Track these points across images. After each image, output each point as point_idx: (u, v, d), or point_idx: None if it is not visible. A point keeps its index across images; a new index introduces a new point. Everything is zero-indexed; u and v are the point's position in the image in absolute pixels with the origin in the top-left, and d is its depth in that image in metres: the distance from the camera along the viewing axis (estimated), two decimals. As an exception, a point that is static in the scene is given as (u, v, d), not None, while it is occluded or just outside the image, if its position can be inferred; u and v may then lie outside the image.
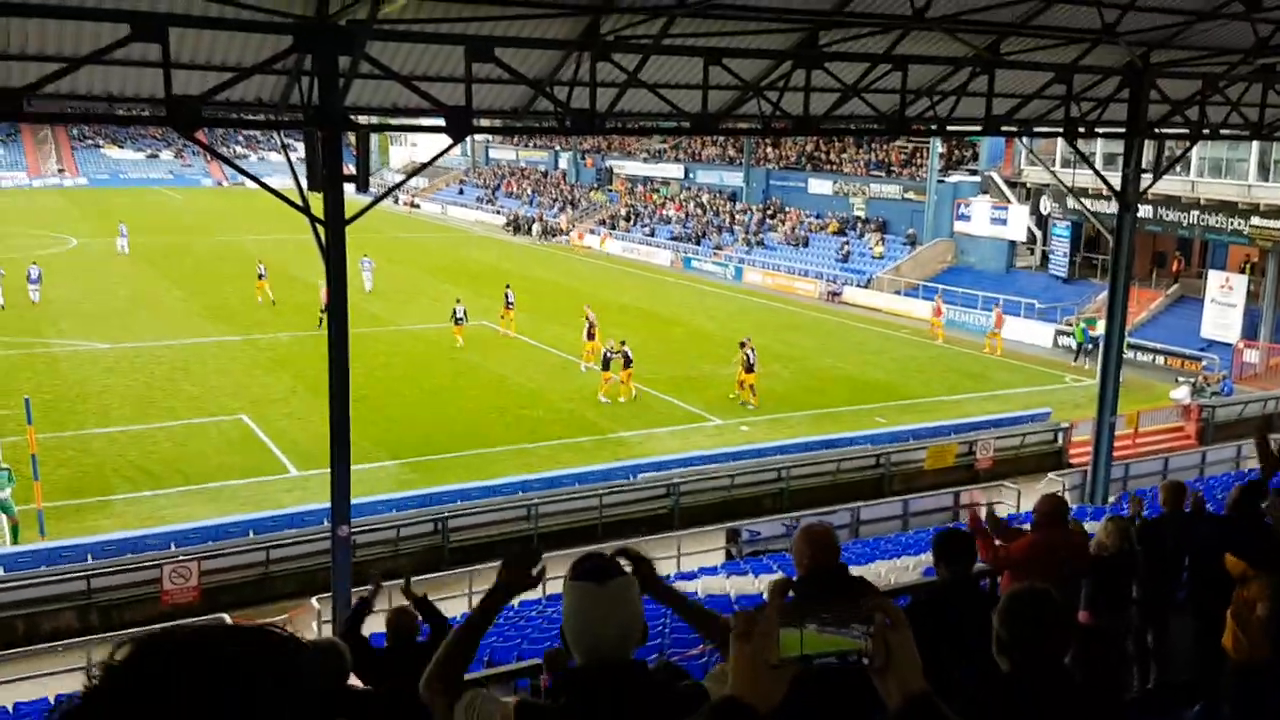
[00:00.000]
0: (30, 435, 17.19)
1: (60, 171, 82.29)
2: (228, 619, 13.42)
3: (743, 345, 25.96)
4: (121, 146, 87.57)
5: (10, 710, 10.98)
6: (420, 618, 6.90)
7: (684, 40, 13.27)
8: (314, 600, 14.05)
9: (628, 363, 25.59)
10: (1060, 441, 22.60)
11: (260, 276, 36.18)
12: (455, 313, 30.60)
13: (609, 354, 25.94)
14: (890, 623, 1.41)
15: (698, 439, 23.05)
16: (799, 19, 13.44)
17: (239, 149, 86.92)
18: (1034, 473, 21.13)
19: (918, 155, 48.36)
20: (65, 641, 13.52)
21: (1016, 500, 18.99)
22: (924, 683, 1.41)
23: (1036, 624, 2.94)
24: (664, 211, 59.30)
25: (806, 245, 49.08)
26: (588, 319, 29.13)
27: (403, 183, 13.69)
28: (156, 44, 9.94)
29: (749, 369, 25.46)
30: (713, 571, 14.58)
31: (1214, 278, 32.93)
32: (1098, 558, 6.42)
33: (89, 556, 15.23)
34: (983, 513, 7.14)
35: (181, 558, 15.13)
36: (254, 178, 12.30)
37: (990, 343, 33.54)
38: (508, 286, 33.28)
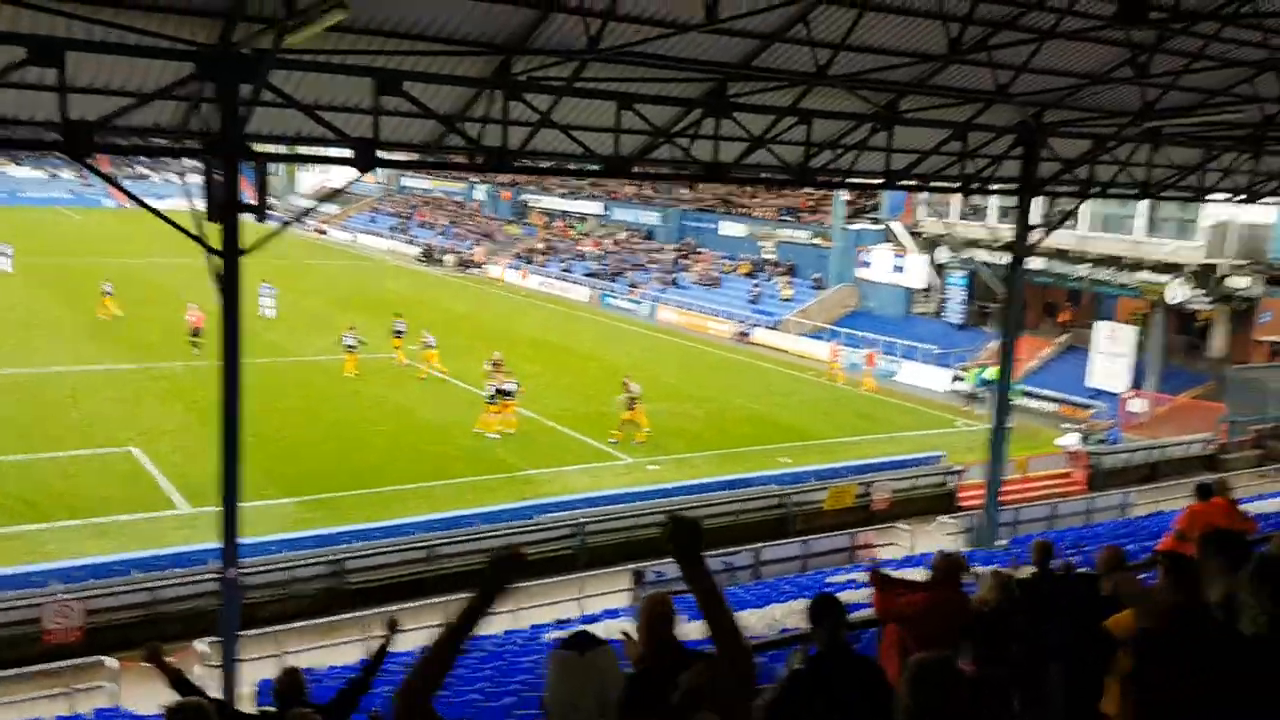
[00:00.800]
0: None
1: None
2: (111, 662, 12.88)
3: (625, 383, 26.12)
4: (20, 165, 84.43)
5: None
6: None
7: (597, 84, 13.41)
8: (199, 643, 13.54)
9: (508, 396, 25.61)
10: (952, 485, 23.19)
11: (106, 294, 36.57)
12: (345, 340, 30.31)
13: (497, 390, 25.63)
14: None
15: (607, 477, 23.02)
16: (708, 70, 13.71)
17: (141, 169, 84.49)
18: (926, 514, 21.62)
19: (825, 201, 49.56)
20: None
21: (910, 542, 19.41)
22: None
23: (942, 691, 3.01)
24: (581, 247, 59.50)
25: (719, 286, 49.75)
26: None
27: (308, 212, 13.50)
28: (53, 68, 9.68)
29: (630, 406, 25.62)
30: (615, 614, 14.52)
31: (1101, 328, 34.34)
32: (979, 612, 6.60)
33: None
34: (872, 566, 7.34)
35: (64, 596, 14.46)
36: (147, 206, 11.95)
37: (866, 381, 35.01)
38: (397, 315, 33.04)
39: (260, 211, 11.96)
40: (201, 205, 11.52)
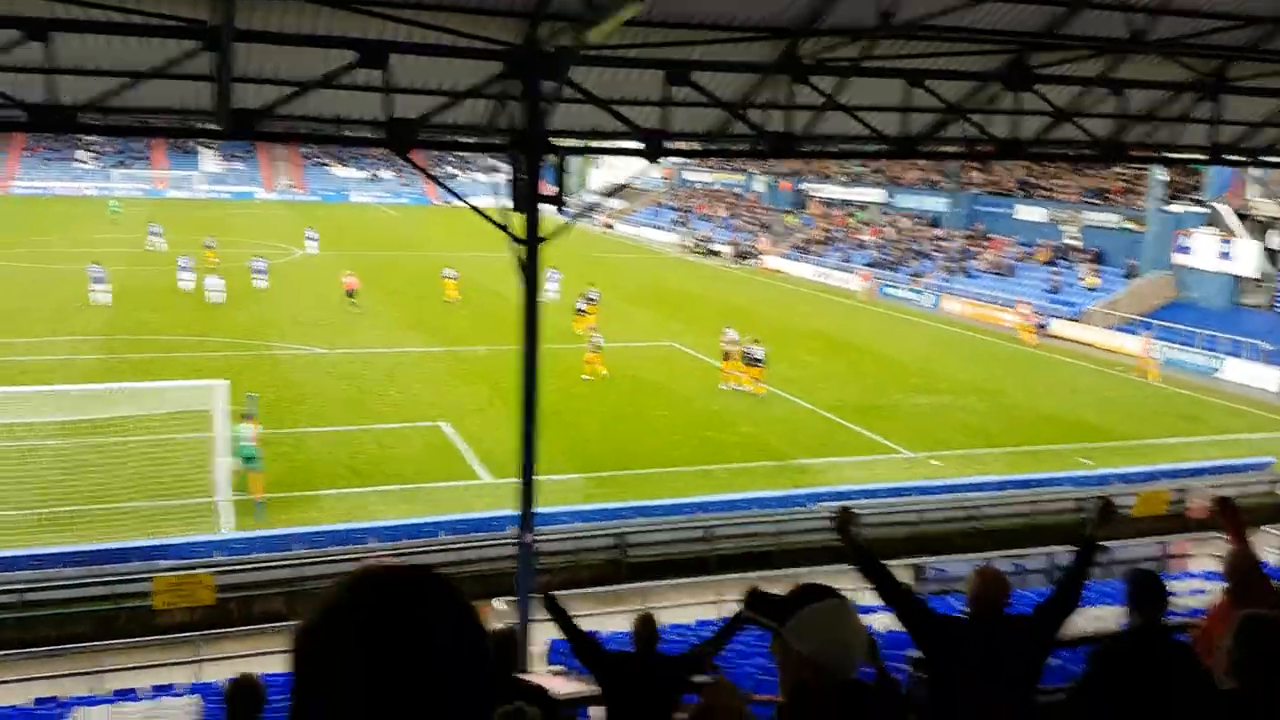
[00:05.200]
0: (256, 429, 18.70)
1: (290, 187, 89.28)
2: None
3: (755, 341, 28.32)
4: (346, 165, 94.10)
5: (223, 685, 11.91)
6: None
7: (885, 62, 13.03)
8: (496, 602, 14.55)
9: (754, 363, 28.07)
10: (1285, 494, 20.69)
11: (449, 279, 40.51)
12: (594, 342, 30.10)
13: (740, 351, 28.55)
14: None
15: (884, 471, 22.46)
16: (1007, 41, 12.94)
17: (450, 169, 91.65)
18: (1251, 525, 19.36)
19: (1139, 182, 45.57)
20: (274, 625, 14.52)
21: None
22: None
23: (1270, 643, 3.18)
24: (859, 236, 58.28)
25: (1012, 274, 47.06)
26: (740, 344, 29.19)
27: (598, 204, 14.12)
28: (379, 69, 10.67)
29: (751, 363, 27.78)
30: (891, 609, 14.12)
31: None
32: None
33: (290, 546, 16.37)
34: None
35: (381, 553, 16.02)
36: (460, 197, 12.95)
37: (1149, 370, 32.91)
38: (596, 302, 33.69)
39: (559, 202, 12.62)
40: (503, 199, 12.33)
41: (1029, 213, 50.23)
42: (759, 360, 28.10)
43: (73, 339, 31.01)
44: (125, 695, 11.88)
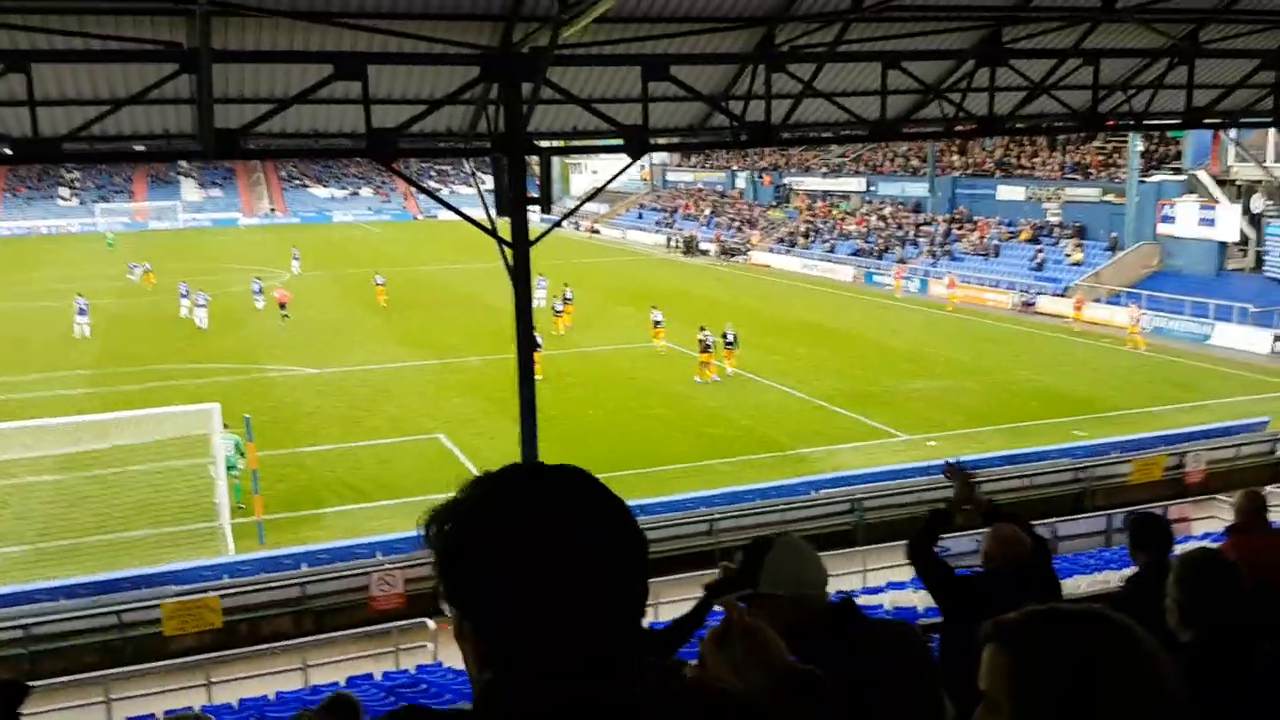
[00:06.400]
0: (251, 451, 18.66)
1: (271, 210, 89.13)
2: (431, 624, 14.13)
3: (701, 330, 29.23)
4: (325, 185, 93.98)
5: (235, 706, 11.90)
6: None
7: (860, 45, 13.12)
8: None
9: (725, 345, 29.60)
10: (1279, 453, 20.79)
11: (379, 285, 42.28)
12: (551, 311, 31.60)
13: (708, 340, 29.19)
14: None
15: (883, 455, 22.52)
16: (980, 16, 13.05)
17: (431, 183, 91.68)
18: (1250, 486, 19.48)
19: (1116, 155, 45.82)
20: (282, 643, 14.50)
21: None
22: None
23: (1217, 590, 2.90)
24: (844, 226, 58.45)
25: (997, 255, 47.26)
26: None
27: (583, 202, 14.15)
28: (357, 81, 10.70)
29: (703, 349, 28.99)
30: (900, 586, 14.21)
31: None
32: None
33: (296, 565, 16.35)
34: None
35: (387, 566, 16.00)
36: (445, 203, 12.98)
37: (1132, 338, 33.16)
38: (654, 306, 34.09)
39: (545, 203, 12.67)
40: (487, 208, 12.35)
41: (1010, 192, 50.44)
42: (731, 343, 29.88)
43: (66, 374, 30.91)
44: (139, 721, 11.86)
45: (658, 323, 33.52)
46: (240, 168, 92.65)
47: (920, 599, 12.92)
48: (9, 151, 10.30)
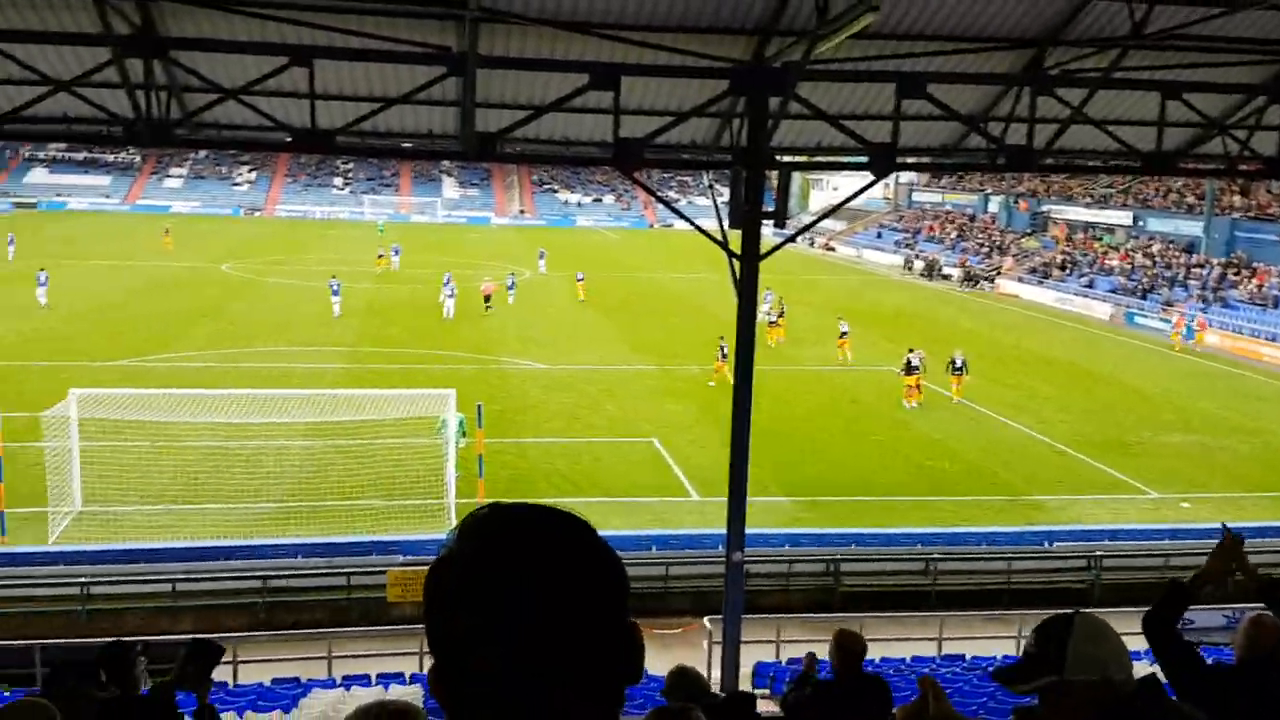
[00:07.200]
0: (480, 438, 19.54)
1: (521, 212, 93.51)
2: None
3: (910, 352, 28.43)
4: (573, 190, 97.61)
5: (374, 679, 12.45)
6: None
7: (1138, 74, 12.13)
8: (706, 620, 14.46)
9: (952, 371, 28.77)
10: None
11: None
12: (723, 349, 28.48)
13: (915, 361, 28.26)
14: None
15: (1129, 511, 20.83)
16: (1271, 49, 11.75)
17: (670, 193, 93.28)
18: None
19: None
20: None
21: None
22: None
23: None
24: (1106, 261, 54.64)
25: (1276, 306, 42.76)
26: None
27: (819, 219, 13.87)
28: (609, 91, 10.89)
29: (908, 371, 28.02)
30: (1136, 656, 12.99)
31: None
32: None
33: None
34: None
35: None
36: (681, 213, 13.06)
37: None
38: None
39: (780, 218, 12.46)
40: (722, 220, 12.29)
41: (1300, 238, 45.52)
42: (960, 369, 28.98)
43: (324, 349, 33.60)
44: (356, 680, 12.61)
45: (844, 333, 33.56)
46: (496, 169, 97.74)
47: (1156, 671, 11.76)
48: (289, 139, 11.19)
